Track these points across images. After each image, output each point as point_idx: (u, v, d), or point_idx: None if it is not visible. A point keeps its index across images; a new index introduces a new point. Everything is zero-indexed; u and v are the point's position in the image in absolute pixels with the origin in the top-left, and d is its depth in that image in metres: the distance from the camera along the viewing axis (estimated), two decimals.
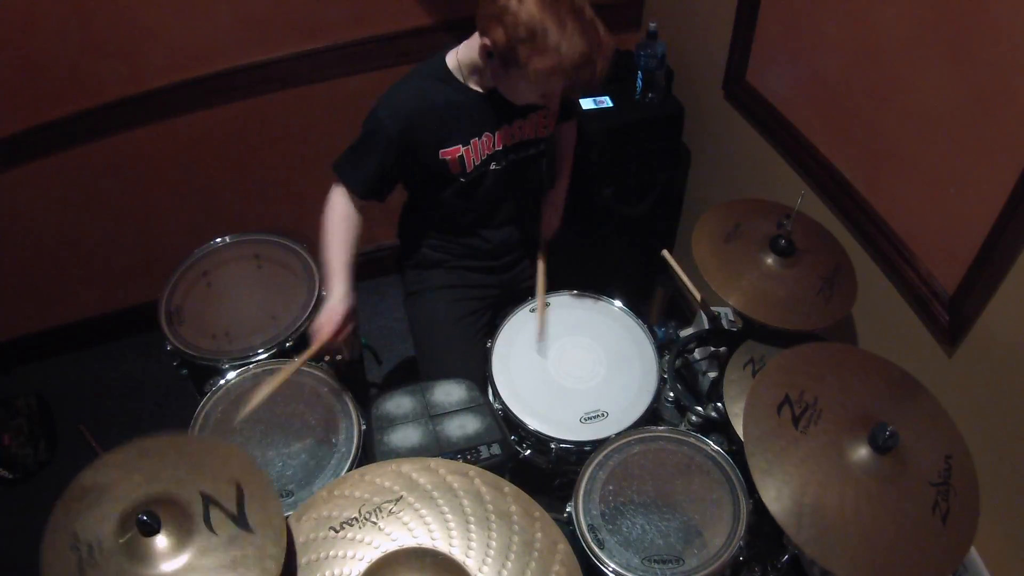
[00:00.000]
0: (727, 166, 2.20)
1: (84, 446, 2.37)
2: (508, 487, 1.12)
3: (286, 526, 1.03)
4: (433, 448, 1.44)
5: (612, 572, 1.25)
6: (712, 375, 1.74)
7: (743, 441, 1.20)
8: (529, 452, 1.54)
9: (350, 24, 2.18)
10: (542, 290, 1.76)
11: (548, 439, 1.50)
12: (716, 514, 1.33)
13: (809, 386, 1.24)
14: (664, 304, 2.58)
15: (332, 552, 1.04)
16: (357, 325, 1.75)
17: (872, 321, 1.68)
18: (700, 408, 1.55)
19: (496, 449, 1.45)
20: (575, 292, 1.79)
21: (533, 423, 1.51)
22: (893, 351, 1.37)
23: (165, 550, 0.98)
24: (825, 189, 1.70)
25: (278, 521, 1.02)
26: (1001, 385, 1.34)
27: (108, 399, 2.55)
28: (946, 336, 1.42)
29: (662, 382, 1.61)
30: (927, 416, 1.25)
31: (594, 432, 1.50)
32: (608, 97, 2.23)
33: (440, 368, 1.74)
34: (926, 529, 1.12)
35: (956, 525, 1.13)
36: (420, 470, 1.13)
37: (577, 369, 1.63)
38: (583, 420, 1.53)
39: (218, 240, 1.85)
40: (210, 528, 1.00)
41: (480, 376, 1.63)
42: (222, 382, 1.54)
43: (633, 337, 1.69)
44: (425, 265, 1.83)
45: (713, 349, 1.73)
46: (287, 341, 1.64)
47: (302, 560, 1.04)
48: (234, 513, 1.01)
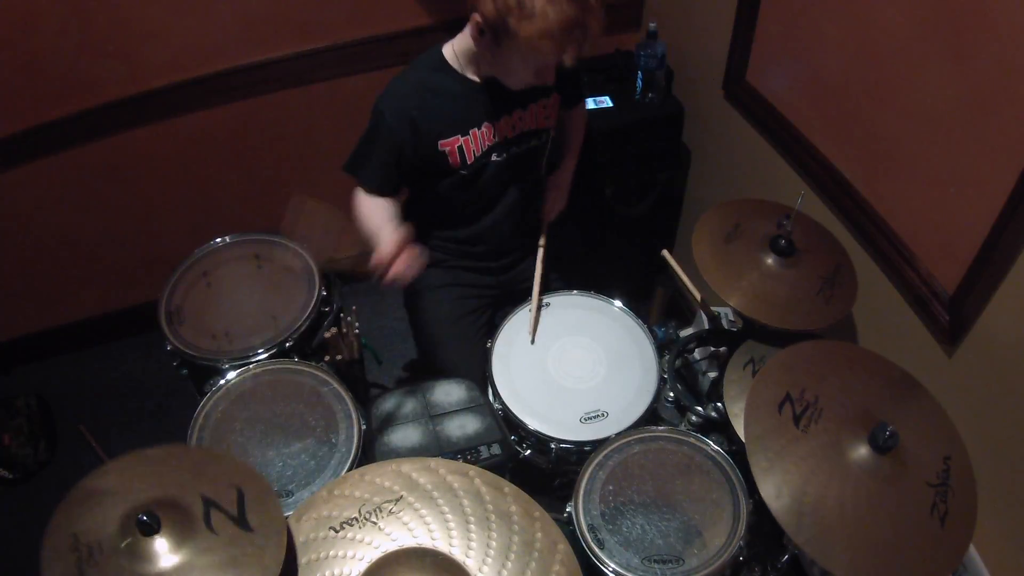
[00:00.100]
0: (727, 166, 2.20)
1: (84, 446, 2.37)
2: (508, 487, 1.12)
3: (286, 526, 1.03)
4: (433, 448, 1.44)
5: (612, 572, 1.25)
6: (712, 375, 1.74)
7: (744, 438, 1.21)
8: (529, 452, 1.54)
9: (350, 24, 2.18)
10: (538, 280, 1.74)
11: (548, 439, 1.50)
12: (716, 514, 1.33)
13: (810, 385, 1.24)
14: (664, 304, 2.58)
15: (332, 552, 1.05)
16: (357, 324, 1.75)
17: (872, 321, 1.68)
18: (700, 408, 1.55)
19: (496, 449, 1.45)
20: (575, 292, 1.79)
21: (533, 423, 1.51)
22: (893, 351, 1.37)
23: (165, 550, 0.98)
24: (825, 189, 1.70)
25: (278, 521, 1.02)
26: (1001, 385, 1.34)
27: (108, 399, 2.55)
28: (946, 336, 1.42)
29: (662, 382, 1.61)
30: (927, 416, 1.25)
31: (594, 432, 1.50)
32: (608, 97, 2.23)
33: (440, 368, 1.74)
34: (925, 530, 1.12)
35: (954, 527, 1.13)
36: (420, 470, 1.13)
37: (577, 369, 1.63)
38: (583, 420, 1.53)
39: (218, 240, 1.85)
40: (210, 528, 1.00)
41: (480, 376, 1.63)
42: (222, 382, 1.54)
43: (633, 337, 1.69)
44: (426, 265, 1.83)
45: (713, 349, 1.73)
46: (287, 341, 1.64)
47: (302, 560, 1.04)
48: (234, 514, 1.02)
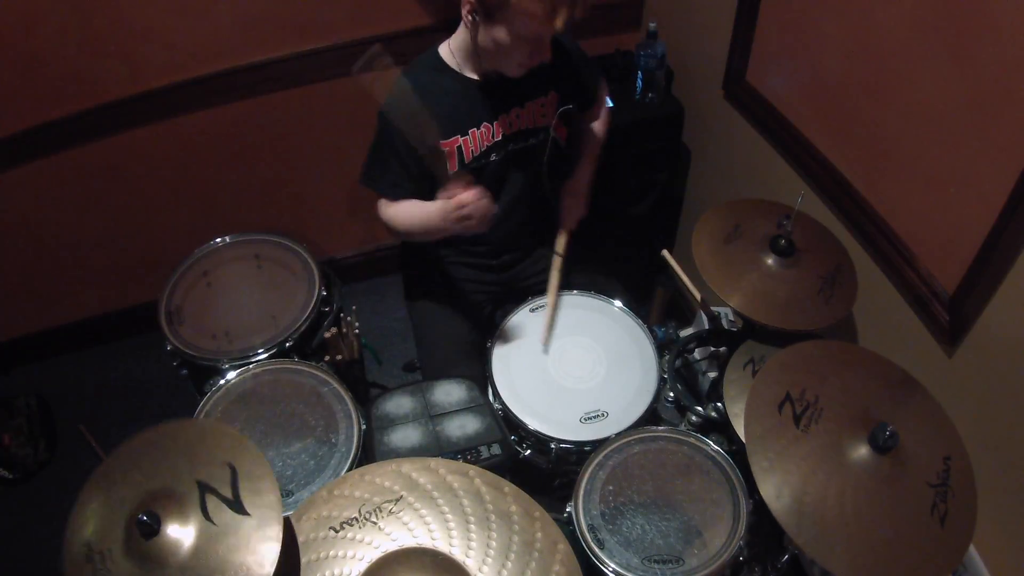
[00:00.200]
0: (727, 166, 2.20)
1: (84, 446, 2.37)
2: (508, 487, 1.11)
3: (279, 499, 1.02)
4: (433, 448, 1.44)
5: (612, 572, 1.25)
6: (712, 375, 1.74)
7: (744, 438, 1.20)
8: (529, 452, 1.54)
9: (350, 24, 2.18)
10: (553, 289, 1.73)
11: (548, 439, 1.50)
12: (716, 514, 1.33)
13: (810, 385, 1.24)
14: (664, 304, 2.58)
15: (332, 552, 1.04)
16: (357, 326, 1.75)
17: (872, 321, 1.68)
18: (700, 408, 1.55)
19: (496, 449, 1.45)
20: (575, 292, 1.79)
21: (533, 423, 1.51)
22: (893, 351, 1.37)
23: (169, 549, 0.98)
24: (825, 189, 1.70)
25: (272, 500, 1.02)
26: (1001, 385, 1.34)
27: (108, 399, 2.55)
28: (946, 336, 1.42)
29: (662, 382, 1.61)
30: (927, 416, 1.25)
31: (594, 432, 1.50)
32: (608, 97, 2.23)
33: (440, 368, 1.74)
34: (925, 530, 1.12)
35: (954, 527, 1.13)
36: (420, 470, 1.13)
37: (577, 369, 1.63)
38: (583, 420, 1.53)
39: (218, 240, 1.85)
40: (208, 518, 1.00)
41: (480, 376, 1.63)
42: (222, 382, 1.54)
43: (633, 337, 1.69)
44: (426, 264, 1.83)
45: (713, 349, 1.73)
46: (287, 341, 1.64)
47: (302, 560, 1.04)
48: (229, 498, 1.01)
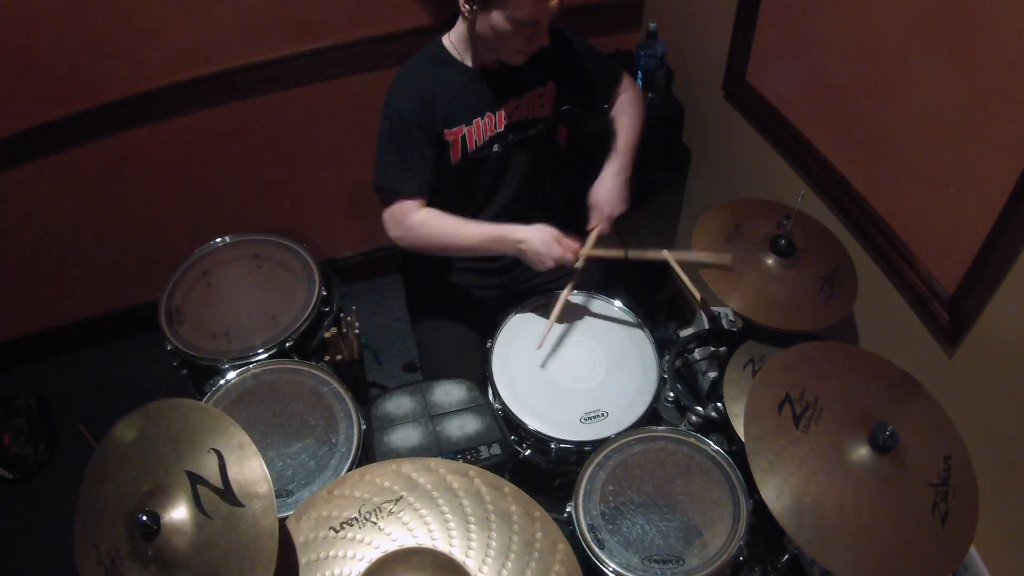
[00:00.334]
0: (727, 166, 2.20)
1: (84, 446, 2.37)
2: (508, 487, 1.11)
3: (270, 482, 1.01)
4: (433, 448, 1.44)
5: (612, 572, 1.25)
6: (712, 375, 1.74)
7: (744, 439, 1.20)
8: (529, 452, 1.54)
9: (350, 24, 2.18)
10: (565, 294, 1.65)
11: (548, 439, 1.50)
12: (716, 514, 1.33)
13: (810, 385, 1.24)
14: (664, 304, 2.58)
15: (332, 552, 1.04)
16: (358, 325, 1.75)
17: (872, 321, 1.68)
18: (700, 408, 1.55)
19: (496, 449, 1.45)
20: (575, 292, 1.78)
21: (533, 423, 1.51)
22: (893, 351, 1.37)
23: (170, 549, 0.98)
24: (825, 189, 1.70)
25: (264, 488, 1.01)
26: (1001, 385, 1.34)
27: (108, 399, 2.55)
28: (946, 336, 1.42)
29: (662, 382, 1.60)
30: (927, 416, 1.25)
31: (594, 432, 1.50)
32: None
33: (440, 368, 1.74)
34: (925, 530, 1.12)
35: (955, 527, 1.13)
36: (420, 470, 1.13)
37: (577, 369, 1.63)
38: (583, 420, 1.53)
39: (218, 240, 1.86)
40: (204, 513, 1.00)
41: (480, 376, 1.63)
42: (222, 382, 1.54)
43: (633, 337, 1.69)
44: (426, 265, 1.83)
45: (713, 349, 1.73)
46: (287, 341, 1.64)
47: (302, 560, 1.04)
48: (220, 487, 1.01)
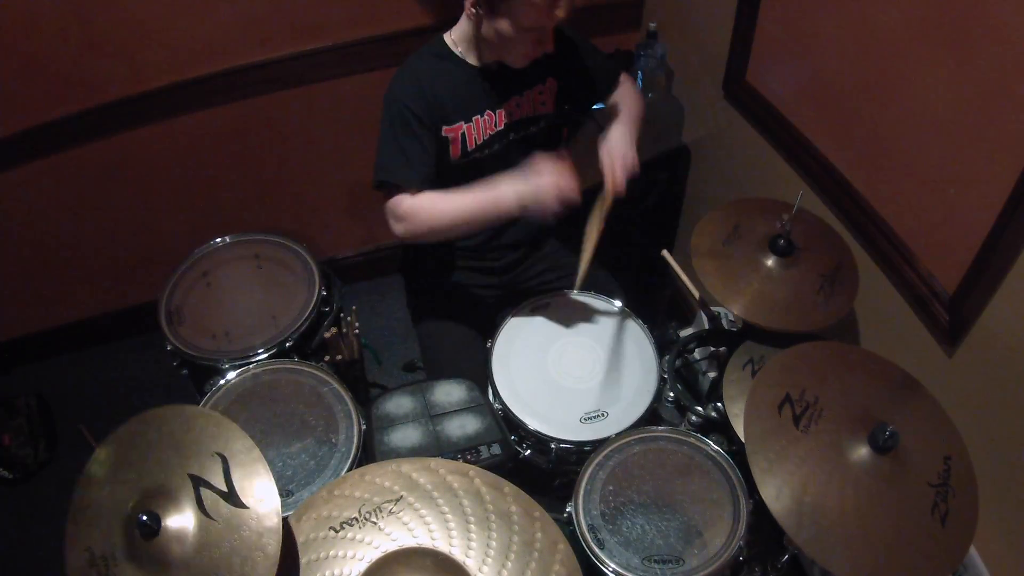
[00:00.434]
0: (727, 166, 2.20)
1: (84, 446, 2.35)
2: (508, 487, 1.12)
3: (275, 489, 1.01)
4: (433, 448, 1.44)
5: (612, 572, 1.25)
6: (712, 375, 1.74)
7: (744, 439, 1.20)
8: (529, 452, 1.54)
9: (350, 24, 2.18)
10: (594, 239, 1.57)
11: (548, 439, 1.50)
12: (716, 514, 1.33)
13: (810, 385, 1.24)
14: (664, 304, 2.58)
15: (332, 552, 1.04)
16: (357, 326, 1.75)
17: (872, 321, 1.68)
18: (700, 408, 1.55)
19: (496, 449, 1.45)
20: (575, 292, 1.79)
21: (533, 423, 1.51)
22: (893, 351, 1.37)
23: (171, 548, 0.98)
24: (825, 189, 1.70)
25: (269, 492, 1.01)
26: (1001, 385, 1.34)
27: (108, 399, 2.55)
28: (946, 336, 1.42)
29: (662, 382, 1.61)
30: (927, 416, 1.25)
31: (594, 432, 1.50)
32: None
33: (444, 367, 1.74)
34: (925, 530, 1.12)
35: (955, 527, 1.13)
36: (420, 470, 1.13)
37: (577, 369, 1.63)
38: (583, 420, 1.53)
39: (218, 240, 1.85)
40: (206, 514, 1.00)
41: (480, 376, 1.63)
42: (222, 382, 1.54)
43: (633, 337, 1.69)
44: (426, 264, 1.83)
45: (713, 349, 1.73)
46: (287, 341, 1.64)
47: (302, 560, 1.04)
48: (224, 490, 1.00)
